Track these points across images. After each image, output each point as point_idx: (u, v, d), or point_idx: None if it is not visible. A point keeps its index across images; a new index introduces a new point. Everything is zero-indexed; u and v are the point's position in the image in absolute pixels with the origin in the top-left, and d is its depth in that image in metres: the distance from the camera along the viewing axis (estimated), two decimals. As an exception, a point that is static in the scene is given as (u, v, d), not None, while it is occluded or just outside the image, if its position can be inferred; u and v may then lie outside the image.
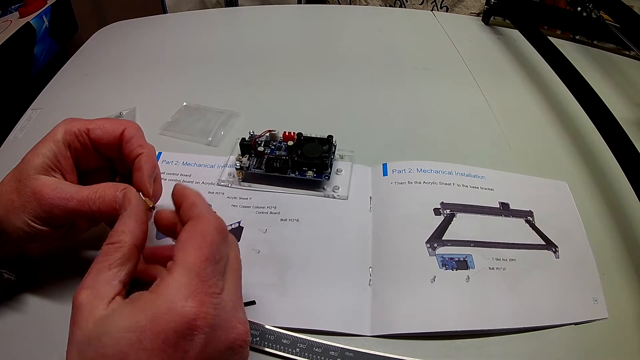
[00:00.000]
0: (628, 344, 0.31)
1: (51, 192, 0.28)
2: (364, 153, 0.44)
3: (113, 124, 0.31)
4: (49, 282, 0.33)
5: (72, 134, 0.30)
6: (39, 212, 0.28)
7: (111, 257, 0.23)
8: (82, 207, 0.28)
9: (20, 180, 0.28)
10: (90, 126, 0.31)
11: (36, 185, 0.28)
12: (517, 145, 0.46)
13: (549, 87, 0.54)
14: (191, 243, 0.23)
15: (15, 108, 0.55)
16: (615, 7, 0.51)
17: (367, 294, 0.33)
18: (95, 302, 0.22)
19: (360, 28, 0.70)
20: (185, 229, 0.24)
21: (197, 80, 0.57)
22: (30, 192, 0.28)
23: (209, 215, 0.25)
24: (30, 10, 1.00)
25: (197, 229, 0.24)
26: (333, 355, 0.29)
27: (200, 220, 0.24)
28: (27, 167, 0.29)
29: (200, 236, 0.23)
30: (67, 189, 0.28)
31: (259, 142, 0.41)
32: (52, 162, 0.29)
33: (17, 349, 0.30)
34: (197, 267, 0.22)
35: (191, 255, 0.22)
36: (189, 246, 0.23)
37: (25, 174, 0.28)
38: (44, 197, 0.28)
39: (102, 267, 0.23)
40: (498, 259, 0.35)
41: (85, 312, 0.21)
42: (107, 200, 0.28)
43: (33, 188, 0.28)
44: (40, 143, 0.30)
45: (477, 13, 0.88)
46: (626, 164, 0.38)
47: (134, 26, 0.71)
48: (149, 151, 0.32)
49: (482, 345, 0.31)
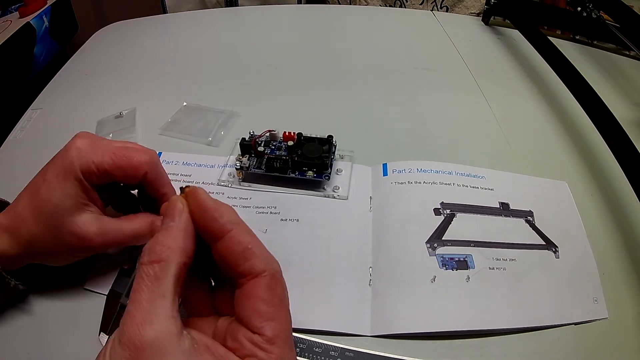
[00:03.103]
0: (628, 343, 0.31)
1: (96, 238, 0.28)
2: (364, 153, 0.44)
3: (131, 163, 0.29)
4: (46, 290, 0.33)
5: (91, 172, 0.28)
6: (83, 252, 0.29)
7: (163, 283, 0.20)
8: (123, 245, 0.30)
9: (55, 226, 0.28)
10: (107, 165, 0.28)
11: (78, 231, 0.28)
12: (517, 145, 0.46)
13: (549, 87, 0.54)
14: (277, 316, 0.21)
15: (15, 108, 0.55)
16: (615, 7, 0.51)
17: (367, 294, 0.33)
18: (162, 344, 0.18)
19: (360, 28, 0.70)
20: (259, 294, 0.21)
21: (197, 80, 0.57)
22: (72, 238, 0.28)
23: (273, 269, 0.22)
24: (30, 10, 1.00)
25: (276, 296, 0.22)
26: (333, 355, 0.29)
27: (274, 282, 0.22)
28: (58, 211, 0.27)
29: (280, 303, 0.22)
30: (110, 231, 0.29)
31: (259, 142, 0.41)
32: (83, 199, 0.28)
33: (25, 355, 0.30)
34: (289, 340, 0.21)
35: (281, 330, 0.21)
36: (276, 319, 0.21)
37: (59, 219, 0.27)
38: (89, 243, 0.28)
39: (156, 297, 0.19)
40: (498, 259, 0.35)
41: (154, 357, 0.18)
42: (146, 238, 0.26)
43: (75, 234, 0.28)
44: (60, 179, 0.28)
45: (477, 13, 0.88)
46: (626, 164, 0.38)
47: (134, 26, 0.71)
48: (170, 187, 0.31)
49: (482, 345, 0.31)
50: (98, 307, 0.31)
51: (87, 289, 0.33)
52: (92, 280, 0.33)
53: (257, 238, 0.22)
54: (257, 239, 0.22)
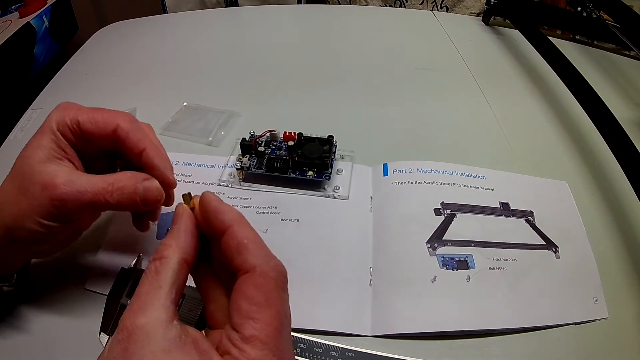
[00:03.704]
0: (628, 343, 0.31)
1: (63, 186, 0.26)
2: (365, 153, 0.44)
3: (105, 117, 0.28)
4: (47, 290, 0.33)
5: (65, 125, 0.28)
6: (50, 209, 0.26)
7: (161, 276, 0.21)
8: (98, 200, 0.26)
9: (24, 178, 0.26)
10: (80, 118, 0.28)
11: (45, 179, 0.26)
12: (517, 145, 0.46)
13: (550, 87, 0.54)
14: (258, 315, 0.20)
15: (15, 108, 0.54)
16: (615, 7, 0.51)
17: (368, 294, 0.33)
18: (150, 328, 0.19)
19: (361, 28, 0.70)
20: (244, 291, 0.21)
21: (198, 80, 0.57)
22: (38, 188, 0.26)
23: (267, 267, 0.21)
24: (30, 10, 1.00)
25: (262, 294, 0.21)
26: (334, 355, 0.29)
27: (263, 279, 0.21)
28: (29, 162, 0.26)
29: (266, 303, 0.21)
30: (80, 180, 0.26)
31: (259, 142, 0.41)
32: (57, 152, 0.27)
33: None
34: (270, 345, 0.20)
35: (261, 331, 0.20)
36: (257, 319, 0.20)
37: (28, 170, 0.26)
38: (56, 191, 0.25)
39: (153, 288, 0.21)
40: (498, 259, 0.35)
41: (140, 340, 0.19)
42: (127, 193, 0.26)
43: (42, 183, 0.26)
44: (37, 136, 0.28)
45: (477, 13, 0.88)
46: (626, 164, 0.38)
47: (134, 26, 0.71)
48: (151, 143, 0.29)
49: (483, 345, 0.31)
50: (98, 307, 0.31)
51: (87, 289, 0.33)
52: (93, 280, 0.33)
53: (257, 236, 0.23)
54: (258, 236, 0.23)
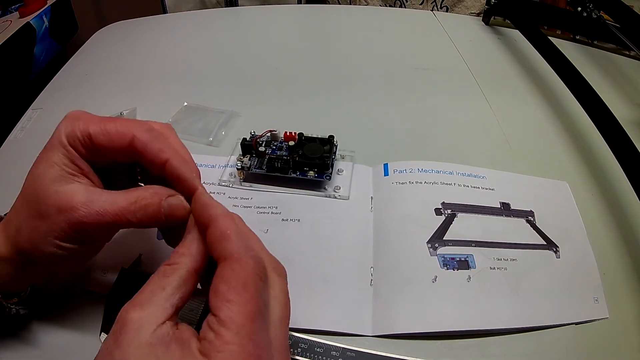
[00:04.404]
0: (629, 343, 0.31)
1: (82, 209, 0.24)
2: (365, 153, 0.44)
3: (119, 128, 0.26)
4: (47, 290, 0.32)
5: (75, 138, 0.26)
6: (69, 233, 0.24)
7: (167, 279, 0.21)
8: (119, 220, 0.24)
9: (39, 201, 0.24)
10: (91, 129, 0.25)
11: (62, 202, 0.24)
12: (517, 146, 0.46)
13: (550, 87, 0.54)
14: (234, 297, 0.20)
15: (15, 108, 0.54)
16: (615, 7, 0.51)
17: (369, 294, 0.33)
18: (143, 323, 0.20)
19: (361, 28, 0.70)
20: (222, 275, 0.21)
21: (198, 80, 0.57)
22: (55, 210, 0.24)
23: (245, 255, 0.22)
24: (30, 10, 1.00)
25: (239, 278, 0.21)
26: (334, 355, 0.29)
27: (239, 264, 0.21)
28: (42, 183, 0.25)
29: (243, 287, 0.21)
30: (99, 201, 0.24)
31: (260, 142, 0.41)
32: (70, 168, 0.25)
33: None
34: (246, 328, 0.20)
35: (237, 313, 0.20)
36: (232, 301, 0.20)
37: (42, 192, 0.24)
38: (75, 214, 0.24)
39: (157, 288, 0.21)
40: (499, 259, 0.35)
41: (130, 332, 0.20)
42: (151, 211, 0.25)
43: (58, 206, 0.24)
44: (47, 151, 0.26)
45: (477, 13, 0.88)
46: (626, 164, 0.38)
47: (134, 26, 0.71)
48: (175, 152, 0.27)
49: (483, 345, 0.31)
50: (99, 307, 0.31)
51: (88, 289, 0.33)
52: (93, 280, 0.33)
53: (241, 229, 0.23)
54: (241, 230, 0.23)
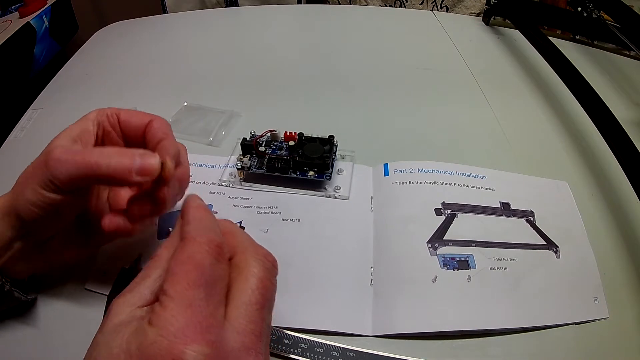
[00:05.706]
0: (629, 343, 0.31)
1: (58, 152, 0.26)
2: (365, 153, 0.44)
3: (143, 114, 0.31)
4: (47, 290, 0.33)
5: (104, 114, 0.31)
6: (46, 175, 0.25)
7: (150, 270, 0.23)
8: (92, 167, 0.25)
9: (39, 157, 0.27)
10: (121, 110, 0.31)
11: (48, 148, 0.27)
12: (517, 145, 0.46)
13: (550, 87, 0.54)
14: (179, 268, 0.21)
15: (15, 108, 0.54)
16: (615, 7, 0.51)
17: (369, 294, 0.33)
18: (122, 308, 0.22)
19: (361, 28, 0.70)
20: (174, 254, 0.22)
21: (198, 80, 0.57)
22: (42, 158, 0.26)
23: (199, 235, 0.23)
24: (30, 10, 1.00)
25: (184, 252, 0.22)
26: (335, 355, 0.29)
27: (189, 243, 0.22)
28: (51, 144, 0.28)
29: (187, 259, 0.21)
30: (76, 146, 0.28)
31: (260, 142, 0.41)
32: (77, 135, 0.29)
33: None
34: (186, 295, 0.20)
35: (177, 281, 0.21)
36: (175, 272, 0.21)
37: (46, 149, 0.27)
38: (52, 155, 0.26)
39: (140, 279, 0.23)
40: (499, 259, 0.35)
41: (110, 317, 0.22)
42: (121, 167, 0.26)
43: (45, 152, 0.27)
44: (70, 126, 0.30)
45: (478, 13, 0.88)
46: (626, 164, 0.38)
47: (134, 26, 0.71)
48: (172, 139, 0.30)
49: (483, 345, 0.31)
50: (98, 307, 0.31)
51: (88, 289, 0.33)
52: (93, 280, 0.33)
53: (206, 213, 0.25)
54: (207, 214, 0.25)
